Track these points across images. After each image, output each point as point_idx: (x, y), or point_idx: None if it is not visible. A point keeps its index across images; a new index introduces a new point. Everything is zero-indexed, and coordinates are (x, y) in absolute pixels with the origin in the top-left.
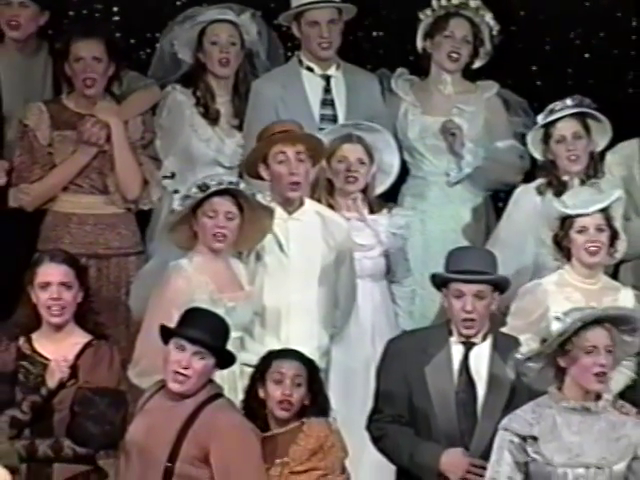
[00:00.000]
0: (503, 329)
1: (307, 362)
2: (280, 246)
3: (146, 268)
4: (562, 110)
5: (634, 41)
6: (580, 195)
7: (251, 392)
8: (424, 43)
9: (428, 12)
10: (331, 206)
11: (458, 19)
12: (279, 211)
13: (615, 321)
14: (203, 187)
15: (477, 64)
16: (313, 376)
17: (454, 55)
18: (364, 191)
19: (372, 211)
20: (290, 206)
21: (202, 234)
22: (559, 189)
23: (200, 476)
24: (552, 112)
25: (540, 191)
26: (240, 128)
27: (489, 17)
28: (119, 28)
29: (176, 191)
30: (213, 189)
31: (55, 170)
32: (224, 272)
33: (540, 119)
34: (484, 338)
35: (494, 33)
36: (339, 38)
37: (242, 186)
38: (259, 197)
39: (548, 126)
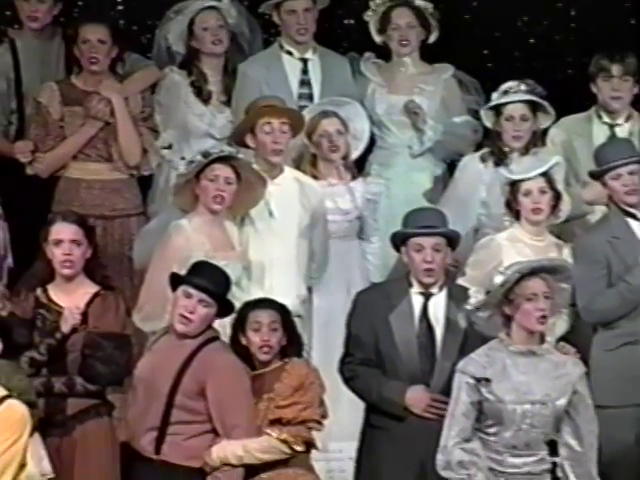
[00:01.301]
0: (461, 279)
1: (280, 308)
2: (269, 210)
3: (149, 226)
4: (515, 94)
5: (573, 28)
6: (524, 162)
7: (234, 340)
8: (379, 37)
9: (370, 13)
10: (315, 177)
11: (398, 9)
12: None
13: (551, 271)
14: (206, 154)
15: (432, 39)
16: (287, 320)
17: (404, 42)
18: (344, 158)
19: (353, 177)
20: (272, 171)
21: (203, 196)
22: (500, 158)
23: (197, 408)
24: (506, 93)
25: (483, 159)
26: (229, 103)
27: (419, 1)
28: (122, 16)
29: (183, 158)
30: (215, 156)
31: (66, 141)
32: (219, 233)
33: (494, 97)
34: (440, 289)
35: (430, 10)
36: (314, 25)
37: (240, 156)
38: (255, 167)
39: (500, 104)
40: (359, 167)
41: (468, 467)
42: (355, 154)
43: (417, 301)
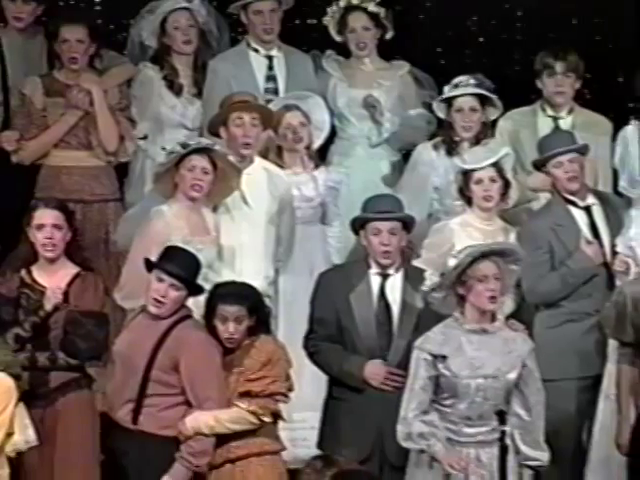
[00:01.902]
0: (417, 261)
1: (246, 300)
2: (244, 198)
3: (132, 211)
4: (465, 87)
5: (519, 27)
6: (476, 153)
7: (207, 319)
8: (339, 37)
9: (328, 18)
10: (281, 166)
11: (354, 14)
12: None
13: (500, 254)
14: (185, 145)
15: (388, 36)
16: (254, 307)
17: (361, 45)
18: (307, 148)
19: (316, 166)
20: (242, 162)
21: (182, 185)
22: (451, 147)
23: (171, 381)
24: (457, 86)
25: (436, 147)
26: (199, 96)
27: (372, 6)
28: (100, 15)
29: (163, 148)
30: (193, 147)
31: (48, 129)
32: (197, 219)
33: (446, 90)
34: (397, 270)
35: (384, 15)
36: (279, 24)
37: (217, 147)
38: (230, 158)
39: (451, 97)
40: (321, 157)
41: (428, 438)
42: (317, 144)
43: (375, 282)
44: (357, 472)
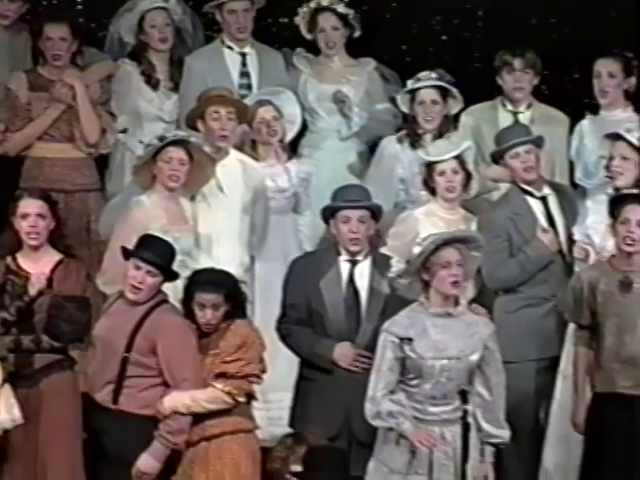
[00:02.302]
0: (384, 249)
1: (223, 288)
2: (219, 186)
3: (114, 201)
4: (427, 80)
5: (480, 27)
6: (439, 146)
7: (185, 303)
8: (309, 35)
9: (299, 18)
10: (255, 159)
11: (323, 14)
12: None
13: (462, 241)
14: (162, 138)
15: (356, 35)
16: (231, 294)
17: (330, 44)
18: (280, 141)
19: (288, 158)
20: (218, 154)
21: (160, 176)
22: (415, 140)
23: (149, 363)
24: (419, 80)
25: (400, 140)
26: (175, 90)
27: (341, 7)
28: (82, 14)
29: (141, 141)
30: (170, 139)
31: (33, 122)
32: (175, 208)
33: (409, 84)
34: (365, 257)
35: (352, 16)
36: (252, 23)
37: (192, 139)
38: (205, 148)
39: (414, 90)
40: (292, 149)
41: (397, 416)
42: (289, 137)
43: (344, 268)
44: (327, 448)
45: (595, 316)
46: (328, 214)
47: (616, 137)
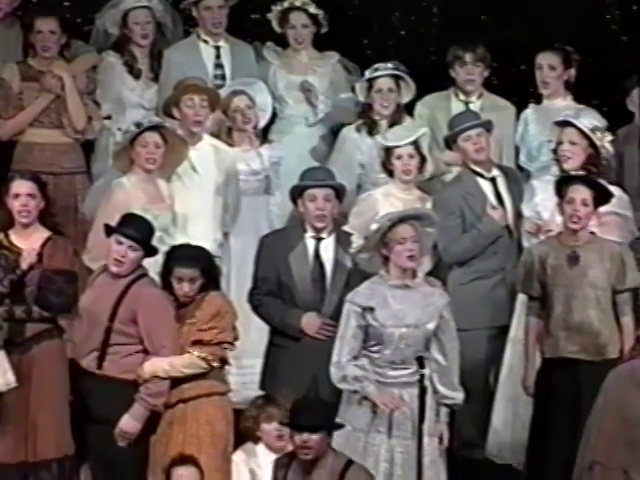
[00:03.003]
0: (346, 227)
1: (199, 262)
2: (192, 166)
3: (97, 184)
4: (384, 70)
5: (435, 23)
6: (397, 132)
7: (164, 276)
8: (280, 29)
9: (272, 14)
10: (231, 145)
11: (295, 13)
12: None
13: (416, 218)
14: (138, 125)
15: (323, 31)
16: (205, 268)
17: (299, 39)
18: (254, 127)
19: (261, 144)
20: (193, 139)
21: (137, 159)
22: (372, 127)
23: (131, 332)
24: (376, 70)
25: (358, 129)
26: (155, 80)
27: (313, 8)
28: (69, 10)
29: (119, 129)
30: (146, 125)
31: (24, 111)
32: (152, 189)
33: (367, 74)
34: (330, 234)
35: (322, 16)
36: (226, 19)
37: (166, 124)
38: (179, 132)
39: (372, 79)
40: (263, 135)
41: (361, 380)
42: (262, 124)
43: (311, 244)
44: (309, 398)
45: (545, 287)
46: (296, 193)
47: (565, 124)
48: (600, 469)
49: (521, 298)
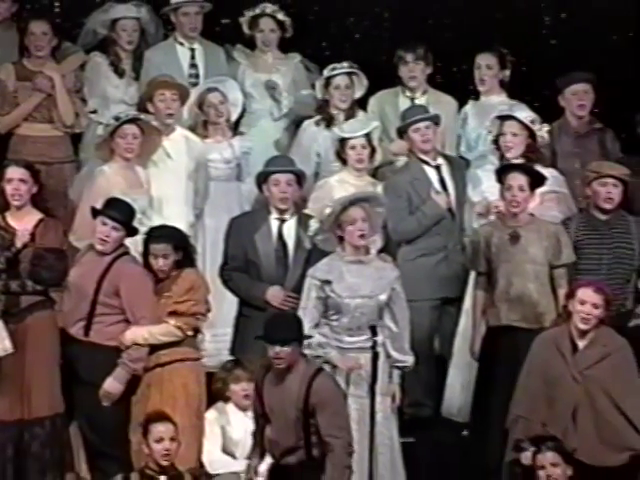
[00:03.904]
0: (306, 210)
1: (171, 239)
2: (167, 153)
3: (82, 172)
4: (341, 69)
5: (386, 27)
6: (352, 125)
7: (144, 255)
8: (249, 32)
9: (244, 19)
10: (206, 136)
11: (264, 19)
12: None
13: (365, 200)
14: (117, 118)
15: (288, 35)
16: (179, 244)
17: (267, 42)
18: (227, 121)
19: (233, 135)
20: (166, 130)
21: (117, 149)
22: (329, 121)
23: (114, 304)
24: (333, 69)
25: (317, 123)
26: (137, 79)
27: (281, 15)
28: (59, 15)
29: (100, 123)
30: (124, 119)
31: (19, 107)
32: (131, 175)
33: (325, 72)
34: (292, 216)
35: (289, 23)
36: (201, 24)
37: (142, 116)
38: (154, 123)
39: (330, 78)
40: (235, 128)
41: (324, 347)
42: (234, 117)
43: (274, 225)
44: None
45: (490, 264)
46: (261, 179)
47: (507, 117)
48: (523, 422)
49: (473, 274)
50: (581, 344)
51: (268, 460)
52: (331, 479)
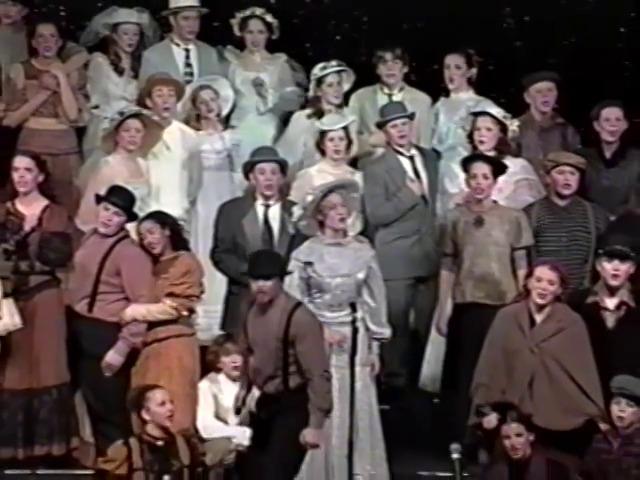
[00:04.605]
0: (289, 197)
1: (153, 217)
2: (167, 145)
3: (87, 162)
4: (331, 68)
5: (365, 30)
6: (332, 118)
7: (139, 241)
8: (240, 33)
9: (234, 21)
10: (199, 129)
11: (253, 20)
12: None
13: (343, 187)
14: (121, 113)
15: (274, 36)
16: (161, 221)
17: (255, 43)
18: (218, 115)
19: (224, 128)
20: (163, 123)
21: (121, 142)
22: (320, 115)
23: (115, 282)
24: (325, 68)
25: (308, 116)
26: (136, 77)
27: (269, 17)
28: (64, 18)
29: (106, 117)
30: (127, 114)
31: (27, 103)
32: (133, 166)
33: (317, 72)
34: (276, 202)
35: (276, 25)
36: (197, 27)
37: (144, 111)
38: (155, 118)
39: (322, 77)
40: (226, 121)
41: None
42: (224, 112)
43: (260, 210)
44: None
45: (456, 246)
46: (248, 168)
47: (481, 113)
48: (484, 389)
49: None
50: (538, 319)
51: (256, 392)
52: (314, 405)
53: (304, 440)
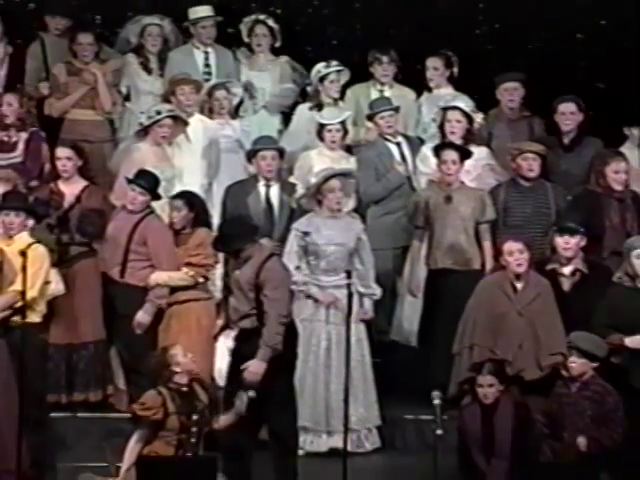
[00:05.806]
0: (290, 178)
1: (181, 197)
2: (187, 137)
3: (120, 147)
4: (335, 67)
5: (359, 35)
6: (331, 112)
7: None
8: (248, 40)
9: (243, 26)
10: (212, 118)
11: (259, 26)
12: None
13: (341, 174)
14: (158, 112)
15: (277, 44)
16: (189, 201)
17: (259, 47)
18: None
19: (234, 118)
20: (186, 115)
21: (154, 135)
22: (320, 107)
23: (143, 252)
24: (328, 66)
25: (310, 108)
26: (162, 75)
27: (271, 22)
28: (100, 26)
29: (142, 112)
30: (164, 115)
31: (69, 96)
32: (161, 152)
33: (322, 70)
34: (276, 182)
35: (277, 29)
36: (214, 33)
37: (178, 112)
38: (183, 116)
39: (326, 75)
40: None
41: (307, 284)
42: (234, 104)
43: (262, 190)
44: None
45: (428, 220)
46: (251, 154)
47: (451, 107)
48: (477, 349)
49: None
50: (519, 286)
51: (245, 397)
52: (264, 341)
53: (247, 369)
